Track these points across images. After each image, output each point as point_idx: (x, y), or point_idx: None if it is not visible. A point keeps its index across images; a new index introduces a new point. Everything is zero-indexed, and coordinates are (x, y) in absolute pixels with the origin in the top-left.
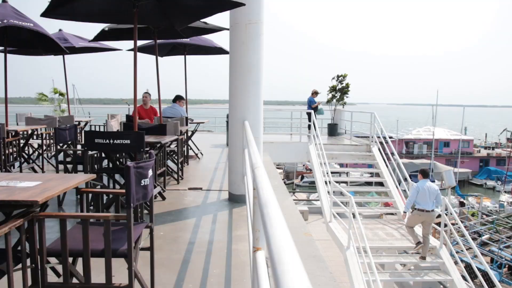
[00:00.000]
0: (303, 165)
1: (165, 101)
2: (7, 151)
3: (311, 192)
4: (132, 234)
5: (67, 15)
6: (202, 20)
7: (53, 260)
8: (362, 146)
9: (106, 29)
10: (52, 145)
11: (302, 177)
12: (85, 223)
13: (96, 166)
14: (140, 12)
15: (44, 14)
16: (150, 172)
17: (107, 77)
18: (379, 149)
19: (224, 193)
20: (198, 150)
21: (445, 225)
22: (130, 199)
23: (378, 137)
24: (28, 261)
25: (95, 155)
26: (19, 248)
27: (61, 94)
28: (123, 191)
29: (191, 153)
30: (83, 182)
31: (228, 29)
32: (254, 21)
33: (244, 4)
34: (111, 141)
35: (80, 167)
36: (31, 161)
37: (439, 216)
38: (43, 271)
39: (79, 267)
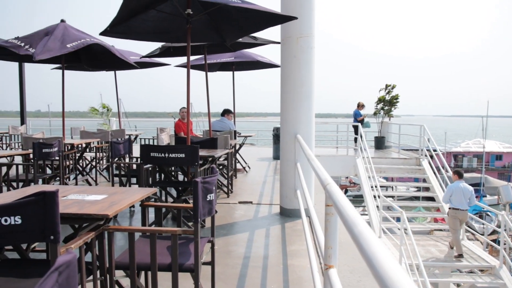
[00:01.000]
0: (346, 178)
1: (212, 115)
2: (64, 164)
3: (356, 206)
4: (199, 248)
5: (123, 34)
6: (251, 34)
7: (118, 273)
8: (412, 160)
9: (161, 47)
10: (104, 157)
11: (346, 191)
12: (153, 237)
13: (150, 179)
14: (192, 28)
15: (102, 33)
16: (214, 187)
17: (151, 91)
18: (429, 163)
19: (275, 207)
20: (246, 163)
21: (504, 243)
22: (197, 214)
23: (428, 150)
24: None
25: (149, 169)
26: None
27: (108, 109)
28: (186, 205)
29: (238, 166)
30: (146, 195)
31: (278, 43)
32: (306, 34)
33: (296, 18)
34: (166, 155)
35: (129, 179)
36: (85, 173)
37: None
38: (112, 284)
39: (143, 280)
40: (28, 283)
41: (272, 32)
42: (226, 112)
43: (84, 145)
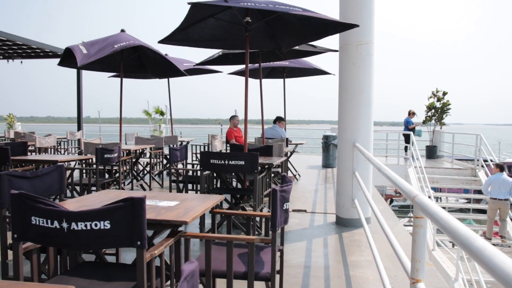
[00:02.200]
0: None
1: (254, 121)
2: (122, 169)
3: (401, 216)
4: (275, 257)
5: (181, 41)
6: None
7: None
8: (467, 170)
9: (220, 53)
10: (158, 163)
11: (391, 201)
12: (230, 244)
13: (208, 186)
14: (250, 36)
15: (161, 41)
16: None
17: (193, 98)
18: (486, 174)
19: (330, 216)
20: (296, 171)
21: None
22: (275, 222)
23: (485, 160)
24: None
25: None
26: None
27: (161, 113)
28: (263, 213)
29: (289, 174)
30: (217, 202)
31: (336, 51)
32: (365, 41)
33: (358, 26)
34: (226, 162)
35: (186, 185)
36: (139, 178)
37: None
38: None
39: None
40: (111, 286)
41: (327, 39)
42: (278, 120)
43: (139, 151)
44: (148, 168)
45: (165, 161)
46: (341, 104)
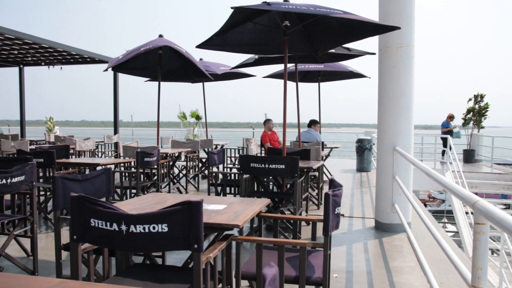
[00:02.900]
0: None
1: (292, 125)
2: (160, 172)
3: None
4: (328, 262)
5: (218, 46)
6: (344, 45)
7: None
8: (508, 175)
9: (257, 57)
10: (194, 166)
11: (425, 206)
12: (281, 249)
13: (248, 189)
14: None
15: (199, 46)
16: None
17: (223, 102)
18: None
19: (368, 221)
20: (331, 175)
21: None
22: (328, 227)
23: None
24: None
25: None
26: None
27: (197, 117)
28: (313, 217)
29: (323, 178)
30: (264, 206)
31: (373, 53)
32: (406, 43)
33: (399, 28)
34: (266, 166)
35: (225, 188)
36: (175, 181)
37: None
38: None
39: None
40: None
41: (362, 42)
42: (313, 123)
43: (177, 154)
44: (184, 171)
45: (199, 164)
46: (380, 107)
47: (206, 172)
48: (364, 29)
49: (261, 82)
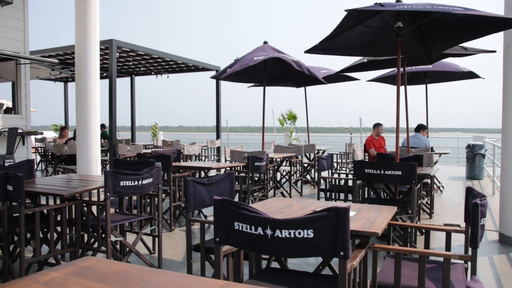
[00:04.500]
0: None
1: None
2: (268, 177)
3: None
4: (476, 275)
5: (327, 50)
6: (460, 44)
7: None
8: None
9: (366, 60)
10: (298, 171)
11: None
12: (422, 259)
13: (359, 195)
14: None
15: (307, 51)
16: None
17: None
18: None
19: (490, 234)
20: (440, 182)
21: None
22: (476, 239)
23: None
24: None
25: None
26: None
27: (294, 118)
28: (457, 229)
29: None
30: (394, 213)
31: (493, 51)
32: None
33: None
34: (382, 172)
35: (336, 194)
36: (279, 185)
37: None
38: None
39: None
40: None
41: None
42: (421, 128)
43: (280, 159)
44: (286, 176)
45: (301, 169)
46: (506, 111)
47: (307, 177)
48: (488, 25)
49: (355, 85)
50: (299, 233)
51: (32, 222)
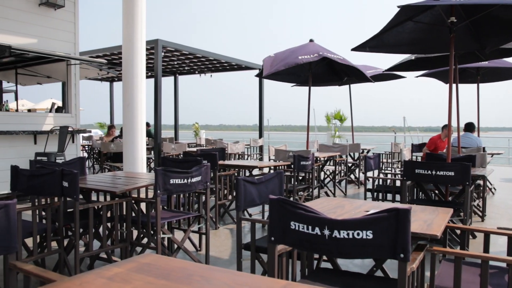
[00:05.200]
0: None
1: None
2: (313, 176)
3: None
4: None
5: (375, 48)
6: None
7: None
8: None
9: (413, 58)
10: (342, 170)
11: None
12: (485, 264)
13: (408, 196)
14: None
15: (355, 49)
16: None
17: (361, 105)
18: None
19: None
20: (491, 184)
21: None
22: None
23: None
24: None
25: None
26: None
27: (341, 119)
28: (497, 230)
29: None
30: (451, 215)
31: None
32: None
33: None
34: (434, 172)
35: (384, 195)
36: (322, 185)
37: None
38: None
39: None
40: None
41: None
42: (471, 127)
43: (326, 158)
44: (331, 176)
45: (345, 169)
46: None
47: (352, 176)
48: None
49: (398, 83)
50: (358, 234)
51: (84, 218)
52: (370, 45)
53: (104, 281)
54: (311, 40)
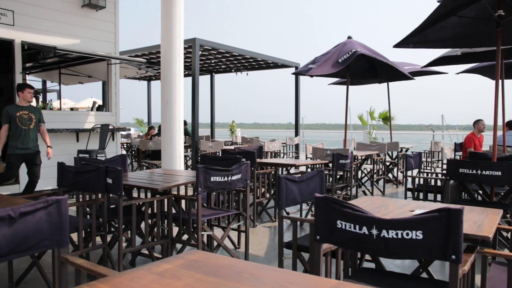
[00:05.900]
0: None
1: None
2: (352, 174)
3: None
4: None
5: (418, 43)
6: None
7: None
8: None
9: (460, 53)
10: (380, 169)
11: None
12: None
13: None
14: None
15: (397, 45)
16: None
17: (397, 103)
18: None
19: None
20: None
21: None
22: None
23: None
24: None
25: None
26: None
27: (385, 118)
28: None
29: None
30: (501, 216)
31: None
32: None
33: None
34: (479, 172)
35: (425, 194)
36: (360, 183)
37: None
38: None
39: None
40: None
41: None
42: None
43: (364, 157)
44: (369, 175)
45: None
46: None
47: (389, 175)
48: None
49: (436, 81)
50: (407, 234)
51: (126, 214)
52: (413, 41)
53: (155, 277)
54: (349, 37)
